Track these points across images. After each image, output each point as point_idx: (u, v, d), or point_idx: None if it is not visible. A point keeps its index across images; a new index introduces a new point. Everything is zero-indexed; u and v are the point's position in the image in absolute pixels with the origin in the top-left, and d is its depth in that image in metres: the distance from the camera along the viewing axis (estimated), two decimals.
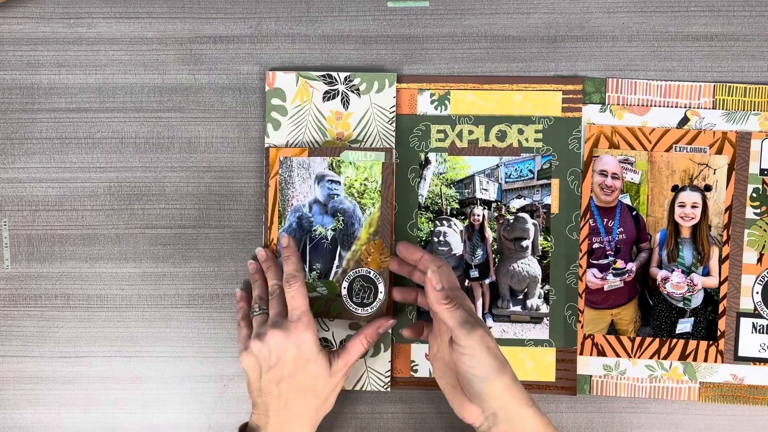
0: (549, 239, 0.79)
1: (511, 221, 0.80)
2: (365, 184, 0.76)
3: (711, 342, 0.79)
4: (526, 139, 0.79)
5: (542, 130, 0.79)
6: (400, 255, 0.75)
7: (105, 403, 0.80)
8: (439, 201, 0.80)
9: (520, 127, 0.79)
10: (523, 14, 0.80)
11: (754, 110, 0.79)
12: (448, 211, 0.80)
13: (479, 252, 0.80)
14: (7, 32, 0.80)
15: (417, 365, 0.80)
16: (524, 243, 0.79)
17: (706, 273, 0.79)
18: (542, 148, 0.79)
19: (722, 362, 0.79)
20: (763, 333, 0.79)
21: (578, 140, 0.79)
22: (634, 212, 0.79)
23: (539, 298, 0.79)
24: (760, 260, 0.78)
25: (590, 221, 0.79)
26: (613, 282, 0.79)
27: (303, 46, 0.80)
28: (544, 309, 0.79)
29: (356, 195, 0.77)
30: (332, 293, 0.77)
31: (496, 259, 0.80)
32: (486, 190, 0.80)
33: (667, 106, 0.79)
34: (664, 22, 0.80)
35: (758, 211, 0.78)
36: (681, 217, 0.79)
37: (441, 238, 0.80)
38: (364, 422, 0.80)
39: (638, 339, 0.79)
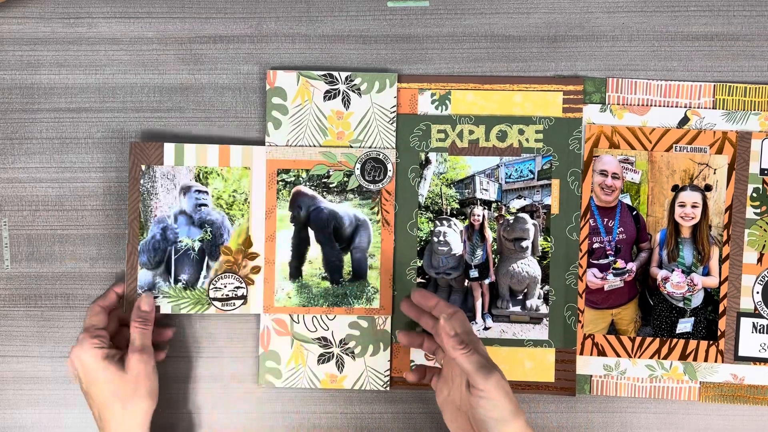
0: (549, 240, 0.79)
1: (511, 221, 0.79)
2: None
3: (711, 342, 0.79)
4: (527, 140, 0.79)
5: (543, 131, 0.79)
6: (415, 301, 0.75)
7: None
8: (439, 201, 0.80)
9: (521, 128, 0.79)
10: (523, 14, 0.80)
11: (754, 110, 0.79)
12: (448, 210, 0.80)
13: (479, 252, 0.80)
14: (7, 32, 0.80)
15: (416, 365, 0.80)
16: (524, 243, 0.79)
17: (706, 273, 0.79)
18: (543, 148, 0.79)
19: (722, 362, 0.79)
20: (763, 333, 0.79)
21: (579, 141, 0.79)
22: (635, 212, 0.79)
23: (539, 298, 0.79)
24: (760, 260, 0.78)
25: (590, 221, 0.79)
26: (613, 282, 0.79)
27: (303, 46, 0.80)
28: (544, 309, 0.79)
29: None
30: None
31: (496, 260, 0.80)
32: (486, 190, 0.80)
33: (667, 106, 0.79)
34: (664, 22, 0.80)
35: (758, 211, 0.78)
36: (681, 217, 0.79)
37: (441, 238, 0.80)
38: (364, 422, 0.80)
39: (638, 339, 0.79)
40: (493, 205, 0.80)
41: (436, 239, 0.80)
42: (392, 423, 0.80)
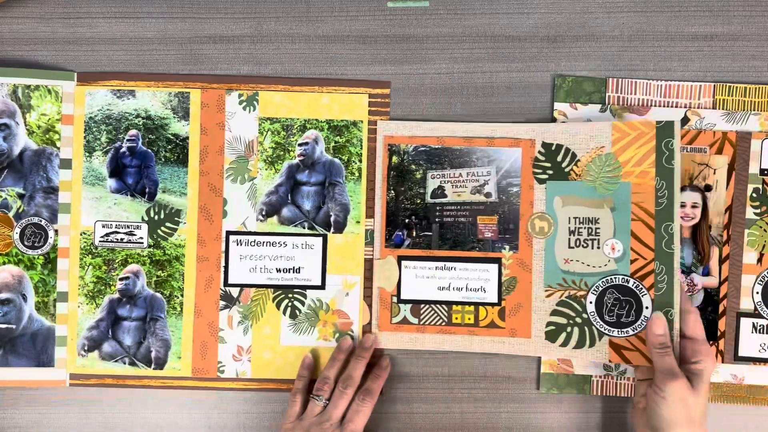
0: None
1: None
2: None
3: (711, 342, 0.79)
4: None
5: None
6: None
7: (105, 403, 0.80)
8: None
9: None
10: (523, 14, 0.80)
11: (754, 110, 0.79)
12: None
13: None
14: (7, 32, 0.80)
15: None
16: None
17: (706, 273, 0.79)
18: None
19: (722, 362, 0.79)
20: (763, 333, 0.79)
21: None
22: None
23: None
24: (760, 260, 0.78)
25: None
26: None
27: (303, 46, 0.80)
28: None
29: None
30: None
31: None
32: None
33: (667, 106, 0.79)
34: (664, 22, 0.80)
35: (758, 211, 0.78)
36: (681, 217, 0.79)
37: None
38: None
39: None
40: None
41: None
42: (392, 423, 0.80)
